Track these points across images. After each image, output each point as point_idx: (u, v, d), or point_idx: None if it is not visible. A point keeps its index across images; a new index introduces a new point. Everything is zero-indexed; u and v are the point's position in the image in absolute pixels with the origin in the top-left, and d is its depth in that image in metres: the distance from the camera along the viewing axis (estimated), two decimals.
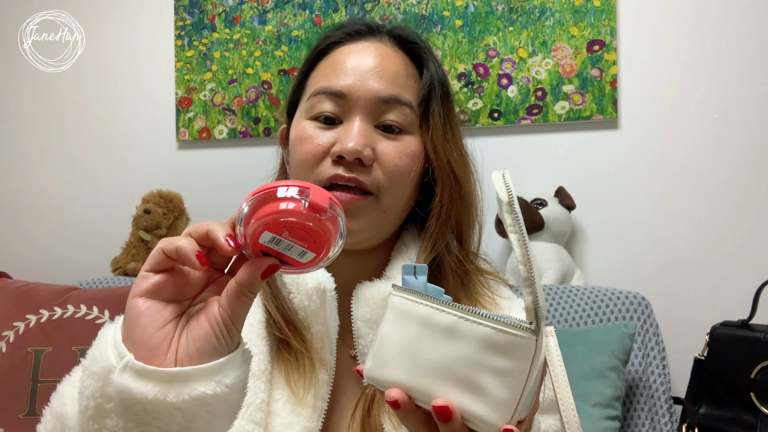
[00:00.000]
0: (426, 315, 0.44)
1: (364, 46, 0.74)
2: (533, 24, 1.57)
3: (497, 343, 0.42)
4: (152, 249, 2.00)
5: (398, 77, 0.72)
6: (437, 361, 0.43)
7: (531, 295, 0.43)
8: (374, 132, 0.71)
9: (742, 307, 1.25)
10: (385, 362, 0.45)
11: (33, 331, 1.42)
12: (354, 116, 0.70)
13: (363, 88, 0.70)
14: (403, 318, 0.45)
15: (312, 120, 0.72)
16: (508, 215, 0.44)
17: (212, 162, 1.83)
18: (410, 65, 0.75)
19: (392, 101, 0.71)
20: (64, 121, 1.99)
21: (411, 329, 0.44)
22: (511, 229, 0.44)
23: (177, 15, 1.86)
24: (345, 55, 0.73)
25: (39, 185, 2.01)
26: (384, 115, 0.71)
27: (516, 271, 1.50)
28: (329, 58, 0.75)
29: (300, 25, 1.75)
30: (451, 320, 0.43)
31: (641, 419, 1.27)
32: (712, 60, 1.47)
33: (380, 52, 0.73)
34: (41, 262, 1.98)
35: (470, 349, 0.42)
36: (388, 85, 0.71)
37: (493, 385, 0.42)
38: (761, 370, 1.15)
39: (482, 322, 0.43)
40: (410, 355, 0.44)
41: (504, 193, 0.45)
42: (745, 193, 1.44)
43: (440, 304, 0.44)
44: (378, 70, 0.71)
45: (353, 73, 0.71)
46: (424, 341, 0.44)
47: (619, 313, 1.31)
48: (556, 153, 1.57)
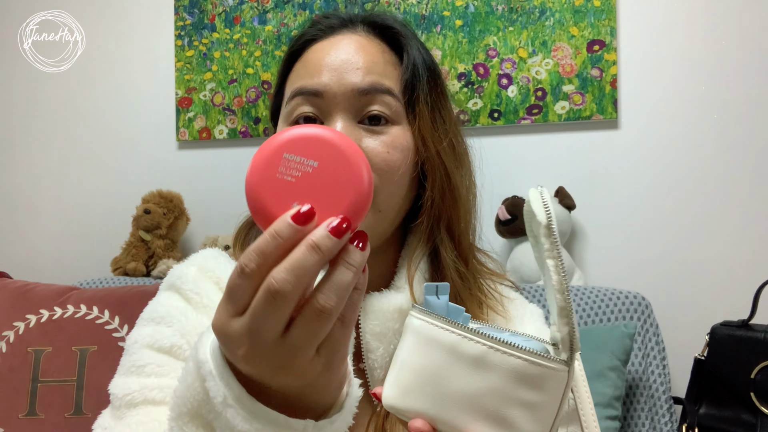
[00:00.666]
0: (453, 343, 0.42)
1: (336, 40, 0.70)
2: (533, 24, 1.57)
3: (529, 375, 0.41)
4: (152, 249, 1.97)
5: (375, 66, 0.68)
6: (465, 392, 0.41)
7: (568, 326, 0.42)
8: (357, 128, 0.66)
9: (742, 307, 1.25)
10: (408, 391, 0.43)
11: (33, 331, 1.42)
12: (334, 115, 0.66)
13: (339, 83, 0.66)
14: (427, 344, 0.43)
15: (293, 124, 0.68)
16: (546, 239, 0.42)
17: (212, 162, 1.83)
18: (388, 51, 0.71)
19: (372, 91, 0.66)
20: (64, 121, 1.99)
21: (436, 357, 0.42)
22: (548, 255, 0.42)
23: (177, 15, 1.86)
24: (318, 53, 0.69)
25: (39, 185, 2.01)
26: (366, 107, 0.66)
27: (516, 271, 1.50)
28: (303, 58, 0.71)
29: (300, 25, 1.75)
30: (480, 350, 0.41)
31: (641, 419, 1.27)
32: (712, 60, 1.47)
33: (354, 44, 0.69)
34: (41, 262, 1.98)
35: (500, 381, 0.41)
36: (365, 75, 0.66)
37: (522, 419, 0.41)
38: (761, 370, 1.15)
39: (514, 353, 0.41)
40: (435, 385, 0.42)
41: (543, 215, 0.42)
42: (745, 193, 1.44)
43: (468, 331, 0.42)
44: (353, 62, 0.67)
45: (327, 70, 0.67)
46: (450, 371, 0.41)
47: (619, 313, 1.31)
48: (556, 153, 1.57)
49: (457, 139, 0.72)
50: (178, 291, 0.71)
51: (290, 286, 0.38)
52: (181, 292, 0.70)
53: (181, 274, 0.72)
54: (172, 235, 1.76)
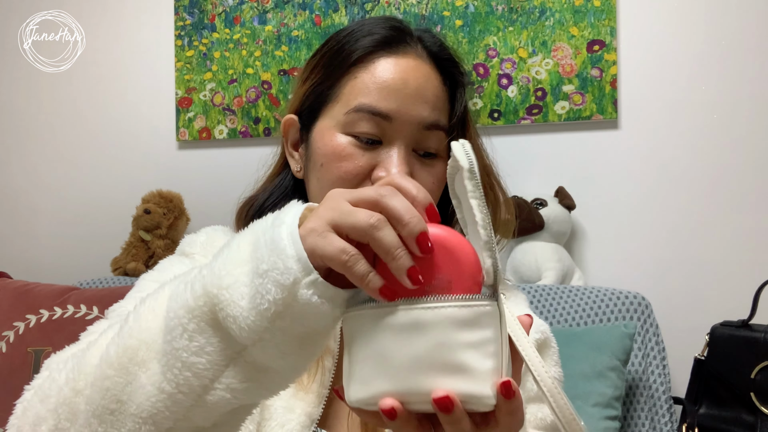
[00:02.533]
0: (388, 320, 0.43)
1: (405, 62, 0.72)
2: (533, 24, 1.57)
3: (462, 319, 0.42)
4: (152, 249, 1.98)
5: (438, 101, 0.73)
6: (415, 357, 0.42)
7: (491, 258, 0.44)
8: (412, 157, 0.71)
9: (742, 307, 1.25)
10: (366, 380, 0.44)
11: (33, 331, 1.42)
12: (396, 141, 0.70)
13: (408, 114, 0.70)
14: (364, 332, 0.44)
15: (350, 135, 0.71)
16: (470, 181, 0.44)
17: (212, 162, 1.83)
18: (445, 85, 0.75)
19: (433, 127, 0.71)
20: (64, 121, 1.99)
21: (377, 339, 0.43)
22: (472, 195, 0.44)
23: (177, 15, 1.86)
24: (387, 72, 0.71)
25: (39, 185, 2.01)
26: (424, 141, 0.71)
27: (516, 271, 1.50)
28: (370, 69, 0.72)
29: (300, 25, 1.75)
30: (413, 315, 0.42)
31: (641, 419, 1.27)
32: (713, 60, 1.47)
33: (422, 72, 0.72)
34: (41, 262, 1.98)
35: (441, 334, 0.42)
36: (432, 111, 0.71)
37: (474, 359, 0.42)
38: (761, 370, 1.15)
39: (440, 305, 0.42)
40: (387, 362, 0.43)
41: (465, 160, 0.44)
42: (745, 193, 1.44)
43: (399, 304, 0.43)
44: (422, 94, 0.71)
45: (399, 96, 0.70)
46: (394, 344, 0.43)
47: (619, 313, 1.31)
48: (556, 153, 1.57)
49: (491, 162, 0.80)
50: (186, 255, 0.76)
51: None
52: (188, 256, 0.75)
53: (191, 241, 0.78)
54: (172, 235, 1.76)
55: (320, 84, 0.75)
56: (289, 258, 0.42)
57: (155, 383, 0.46)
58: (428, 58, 0.75)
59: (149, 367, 0.47)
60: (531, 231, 1.46)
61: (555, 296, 1.36)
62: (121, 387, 0.47)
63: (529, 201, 1.49)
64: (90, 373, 0.50)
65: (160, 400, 0.46)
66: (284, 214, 0.45)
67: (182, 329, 0.45)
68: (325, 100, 0.74)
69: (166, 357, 0.46)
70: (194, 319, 0.45)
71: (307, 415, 0.66)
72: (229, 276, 0.44)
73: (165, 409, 0.46)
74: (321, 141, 0.73)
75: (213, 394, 0.46)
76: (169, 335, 0.46)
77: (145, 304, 0.51)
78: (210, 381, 0.45)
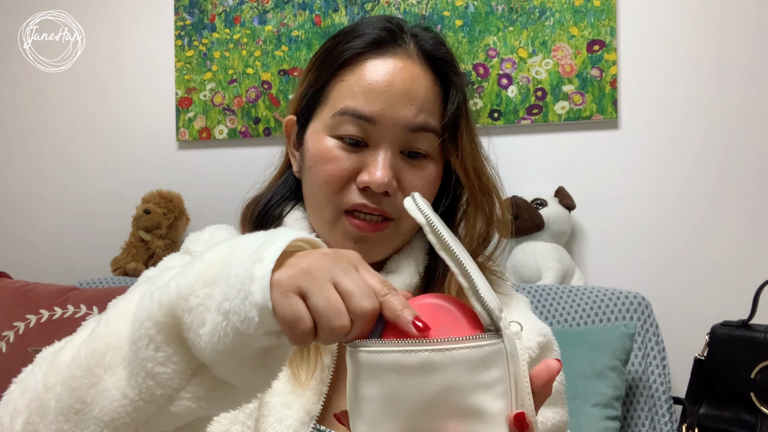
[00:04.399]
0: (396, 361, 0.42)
1: (393, 64, 0.71)
2: (533, 24, 1.57)
3: (474, 360, 0.41)
4: (152, 249, 1.99)
5: (426, 102, 0.71)
6: (427, 400, 0.41)
7: (478, 302, 0.43)
8: (399, 159, 0.71)
9: (742, 307, 1.25)
10: (377, 421, 0.43)
11: (33, 331, 1.42)
12: (382, 144, 0.70)
13: (393, 116, 0.69)
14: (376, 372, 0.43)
15: (336, 138, 0.71)
16: (431, 236, 0.45)
17: (212, 162, 1.83)
18: (437, 85, 0.74)
19: (420, 129, 0.71)
20: (64, 121, 1.99)
21: (388, 381, 0.42)
22: (439, 248, 0.44)
23: (177, 15, 1.86)
24: (373, 74, 0.70)
25: (39, 185, 2.01)
26: (411, 143, 0.71)
27: (516, 271, 1.50)
28: (357, 71, 0.71)
29: (300, 25, 1.75)
30: (422, 357, 0.41)
31: (641, 419, 1.27)
32: (712, 60, 1.47)
33: (410, 73, 0.71)
34: (41, 262, 1.98)
35: (453, 376, 0.41)
36: (418, 113, 0.70)
37: (487, 401, 0.42)
38: (761, 370, 1.15)
39: (452, 347, 0.41)
40: (398, 405, 0.42)
41: (420, 217, 0.45)
42: (745, 193, 1.44)
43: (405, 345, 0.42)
44: (409, 96, 0.70)
45: (383, 98, 0.69)
46: (405, 387, 0.42)
47: (619, 313, 1.31)
48: (556, 153, 1.57)
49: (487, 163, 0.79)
50: (190, 252, 0.76)
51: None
52: (192, 253, 0.76)
53: (195, 238, 0.78)
54: (172, 235, 1.76)
55: (313, 86, 0.76)
56: (253, 307, 0.42)
57: (119, 388, 0.47)
58: (421, 57, 0.74)
59: (115, 371, 0.47)
60: (531, 231, 1.46)
61: (555, 296, 1.36)
62: (86, 388, 0.48)
63: (529, 201, 1.49)
64: (62, 371, 0.50)
65: (123, 405, 0.46)
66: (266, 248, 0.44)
67: (148, 340, 0.45)
68: (317, 102, 0.75)
69: (131, 365, 0.46)
70: (161, 332, 0.45)
71: (306, 412, 0.66)
72: (194, 297, 0.44)
73: (126, 415, 0.46)
74: (311, 143, 0.73)
75: (177, 405, 0.46)
76: (134, 345, 0.46)
77: (117, 305, 0.51)
78: (174, 391, 0.46)
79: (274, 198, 0.80)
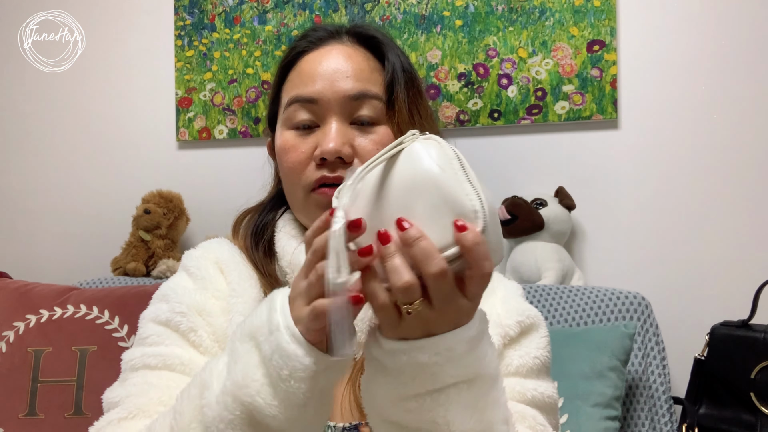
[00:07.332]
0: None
1: (326, 51, 0.78)
2: (533, 24, 1.57)
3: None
4: (152, 249, 1.99)
5: (362, 73, 0.77)
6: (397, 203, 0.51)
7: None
8: (350, 129, 0.75)
9: (742, 307, 1.25)
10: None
11: (33, 331, 1.42)
12: (329, 118, 0.75)
13: (332, 90, 0.75)
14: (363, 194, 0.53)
15: (292, 129, 0.77)
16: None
17: (212, 162, 1.83)
18: (372, 59, 0.79)
19: (361, 96, 0.75)
20: (64, 121, 1.99)
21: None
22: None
23: (177, 15, 1.86)
24: (310, 63, 0.78)
25: (39, 185, 2.01)
26: (356, 111, 0.75)
27: (516, 271, 1.50)
28: (297, 68, 0.79)
29: (300, 25, 1.75)
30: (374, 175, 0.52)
31: (641, 419, 1.27)
32: (712, 60, 1.47)
33: (342, 53, 0.77)
34: (41, 262, 1.98)
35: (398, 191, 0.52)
36: (355, 83, 0.75)
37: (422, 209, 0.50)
38: (761, 370, 1.15)
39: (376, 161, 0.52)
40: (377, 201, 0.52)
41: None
42: (745, 193, 1.44)
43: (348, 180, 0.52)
44: (343, 71, 0.76)
45: (321, 78, 0.76)
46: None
47: (619, 313, 1.31)
48: (556, 153, 1.57)
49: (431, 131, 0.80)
50: (186, 270, 0.80)
51: None
52: (187, 270, 0.80)
53: (190, 255, 0.82)
54: (172, 235, 1.76)
55: (272, 99, 0.84)
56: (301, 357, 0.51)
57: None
58: (352, 40, 0.80)
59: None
60: (531, 231, 1.46)
61: (555, 296, 1.36)
62: None
63: (529, 201, 1.49)
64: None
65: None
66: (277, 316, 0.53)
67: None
68: (276, 107, 0.82)
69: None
70: (236, 428, 0.53)
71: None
72: (254, 383, 0.52)
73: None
74: (277, 144, 0.80)
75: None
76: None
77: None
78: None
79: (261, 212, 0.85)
